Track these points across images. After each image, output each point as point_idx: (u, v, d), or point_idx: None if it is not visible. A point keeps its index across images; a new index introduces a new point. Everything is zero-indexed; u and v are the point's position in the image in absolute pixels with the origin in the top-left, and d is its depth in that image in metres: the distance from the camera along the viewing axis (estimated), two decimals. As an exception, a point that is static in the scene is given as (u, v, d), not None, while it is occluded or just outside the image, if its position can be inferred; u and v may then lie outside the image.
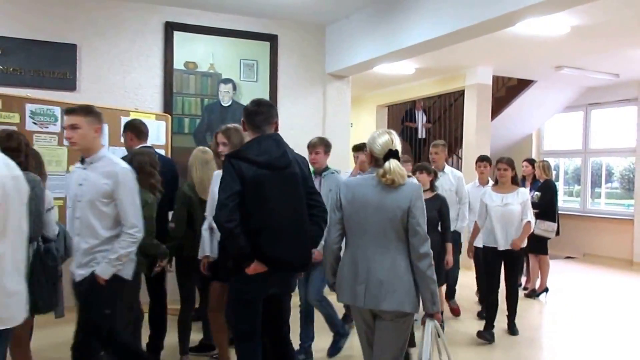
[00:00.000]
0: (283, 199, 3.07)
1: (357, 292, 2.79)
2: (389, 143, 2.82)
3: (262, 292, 3.14)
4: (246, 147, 3.12)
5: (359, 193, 2.84)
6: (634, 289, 8.04)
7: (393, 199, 2.77)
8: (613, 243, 10.19)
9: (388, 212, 2.76)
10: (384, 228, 2.78)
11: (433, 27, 5.45)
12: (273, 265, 3.04)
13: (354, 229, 2.86)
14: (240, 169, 2.97)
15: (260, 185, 3.00)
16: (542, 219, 6.96)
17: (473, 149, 9.04)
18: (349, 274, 2.84)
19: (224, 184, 2.98)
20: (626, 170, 11.10)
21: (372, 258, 2.79)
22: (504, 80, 10.65)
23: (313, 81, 7.05)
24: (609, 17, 6.21)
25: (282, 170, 3.09)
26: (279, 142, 3.15)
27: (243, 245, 2.95)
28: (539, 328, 6.14)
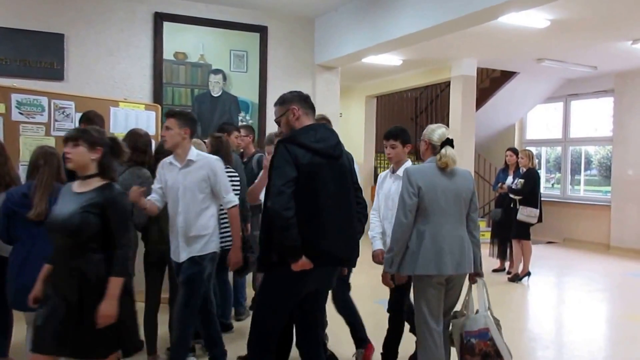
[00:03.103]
0: (335, 190, 2.83)
1: (445, 262, 3.13)
2: (445, 133, 3.27)
3: (302, 291, 2.86)
4: (301, 133, 2.82)
5: (433, 180, 3.19)
6: (611, 271, 8.03)
7: (462, 182, 3.25)
8: (591, 228, 10.20)
9: (462, 194, 3.24)
10: (460, 207, 3.24)
11: (419, 19, 5.36)
12: (322, 260, 2.77)
13: (435, 210, 3.17)
14: (295, 155, 2.72)
15: (314, 173, 2.75)
16: (525, 206, 6.92)
17: (459, 138, 8.95)
18: (432, 248, 3.14)
19: (279, 170, 2.70)
20: (604, 158, 11.11)
21: (452, 233, 3.19)
22: (488, 72, 10.59)
23: (302, 72, 6.93)
24: (587, 12, 6.16)
25: (336, 160, 2.87)
26: (332, 132, 2.95)
27: (296, 237, 2.66)
28: (521, 311, 6.10)
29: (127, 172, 3.71)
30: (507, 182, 7.33)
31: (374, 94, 11.46)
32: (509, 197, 7.22)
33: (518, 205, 7.00)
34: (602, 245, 9.88)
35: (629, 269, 8.16)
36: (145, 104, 5.86)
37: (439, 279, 3.21)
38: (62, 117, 5.08)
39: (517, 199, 7.05)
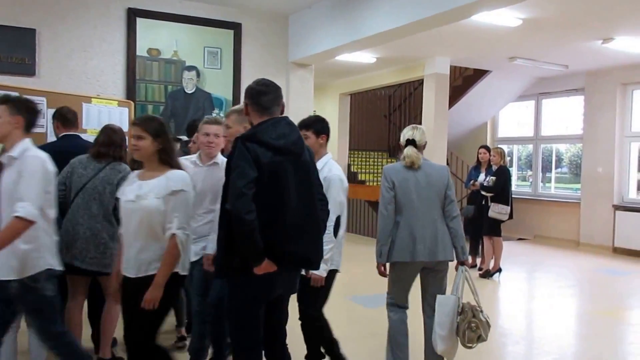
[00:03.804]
0: (298, 189, 2.66)
1: (418, 250, 3.41)
2: (409, 134, 3.59)
3: (269, 295, 2.72)
4: (260, 129, 2.64)
5: (405, 176, 3.49)
6: (580, 267, 8.23)
7: (436, 177, 3.52)
8: (561, 225, 10.42)
9: (436, 188, 3.50)
10: (434, 200, 3.50)
11: (392, 17, 5.41)
12: (285, 264, 2.64)
13: (408, 203, 3.46)
14: (255, 154, 2.55)
15: (276, 172, 2.58)
16: (496, 203, 7.05)
17: (432, 136, 9.07)
18: (406, 238, 3.42)
19: (239, 170, 2.52)
20: (574, 156, 11.34)
21: (425, 224, 3.45)
22: (461, 70, 10.72)
23: (276, 69, 6.93)
24: (558, 11, 6.28)
25: (298, 156, 2.70)
26: (293, 126, 2.75)
27: (257, 240, 2.50)
28: (492, 307, 6.22)
29: (107, 167, 3.66)
30: (479, 180, 7.45)
31: (347, 91, 11.51)
32: (480, 195, 7.33)
33: (489, 202, 7.13)
34: (572, 241, 10.10)
35: (598, 265, 8.37)
36: (119, 100, 5.80)
37: (413, 266, 3.50)
38: (33, 113, 5.00)
39: (488, 196, 7.17)
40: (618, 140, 9.52)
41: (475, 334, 3.46)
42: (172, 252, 2.71)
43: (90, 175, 3.57)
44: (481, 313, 3.52)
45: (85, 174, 3.57)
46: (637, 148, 9.64)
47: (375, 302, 5.81)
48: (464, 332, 3.46)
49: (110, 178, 3.58)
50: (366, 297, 5.95)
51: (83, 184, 3.54)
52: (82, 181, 3.55)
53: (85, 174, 3.57)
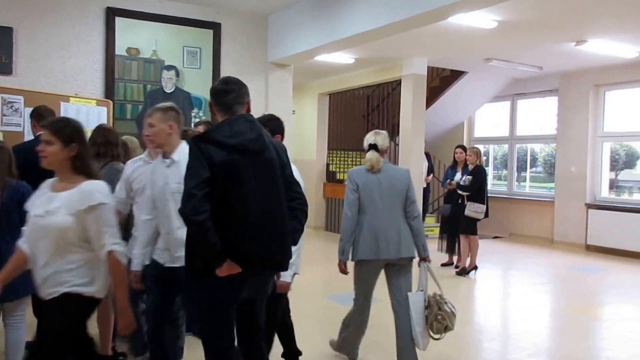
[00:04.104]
0: (258, 188, 2.58)
1: (380, 248, 3.63)
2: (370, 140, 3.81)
3: (236, 296, 2.64)
4: (215, 129, 2.60)
5: (369, 178, 3.72)
6: (554, 265, 8.39)
7: (398, 180, 3.75)
8: (536, 223, 10.60)
9: (398, 189, 3.72)
10: (395, 201, 3.72)
11: (370, 19, 5.45)
12: (248, 265, 2.55)
13: (371, 204, 3.68)
14: (208, 153, 2.48)
15: (232, 171, 2.52)
16: (472, 202, 7.15)
17: (409, 136, 9.18)
18: (369, 237, 3.64)
19: (190, 170, 2.48)
20: (549, 155, 11.54)
21: (388, 223, 3.66)
22: (438, 71, 10.83)
23: (256, 69, 6.94)
24: (532, 14, 6.39)
25: (257, 155, 2.60)
26: (253, 123, 2.65)
27: (214, 242, 2.44)
28: (468, 304, 6.32)
29: (106, 167, 3.68)
30: (455, 179, 7.55)
31: (326, 91, 11.56)
32: (457, 194, 7.43)
33: (466, 201, 7.23)
34: (546, 239, 10.29)
35: (571, 262, 8.54)
36: (97, 99, 5.76)
37: (377, 264, 3.73)
38: (11, 112, 4.95)
39: (465, 195, 7.28)
40: (591, 140, 9.72)
41: (442, 324, 3.67)
42: (117, 270, 2.55)
43: None
44: (446, 304, 3.71)
45: None
46: (609, 148, 9.86)
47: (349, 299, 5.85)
48: (432, 324, 3.68)
49: (112, 177, 3.59)
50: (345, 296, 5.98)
51: None
52: None
53: None
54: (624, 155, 10.81)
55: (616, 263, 8.42)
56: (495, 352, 4.65)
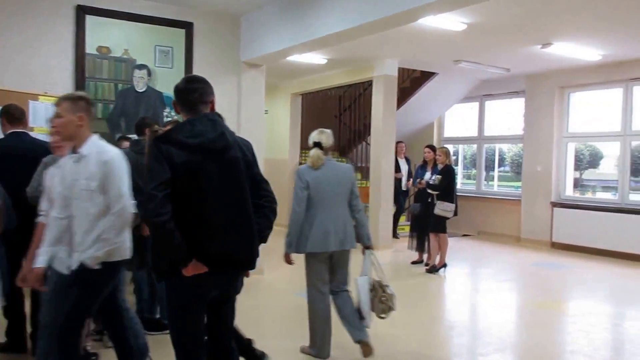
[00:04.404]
0: (222, 187, 2.55)
1: (329, 241, 3.90)
2: (315, 137, 4.08)
3: (203, 296, 2.62)
4: (176, 129, 2.57)
5: (317, 175, 3.96)
6: (521, 262, 8.57)
7: (343, 176, 4.04)
8: (504, 221, 10.80)
9: (343, 185, 4.02)
10: (342, 196, 4.01)
11: (342, 20, 5.49)
12: (214, 264, 2.54)
13: (321, 199, 3.94)
14: (169, 154, 2.46)
15: (193, 172, 2.49)
16: (442, 201, 7.26)
17: (380, 135, 9.26)
18: (319, 231, 3.89)
19: (151, 171, 2.47)
20: (516, 155, 11.77)
21: (336, 217, 3.95)
22: (409, 72, 10.93)
23: (228, 69, 6.91)
24: (500, 17, 6.51)
25: (220, 154, 2.58)
26: (215, 123, 2.62)
27: (178, 242, 2.43)
28: (438, 301, 6.42)
29: None
30: (425, 178, 7.66)
31: (299, 91, 11.57)
32: (427, 193, 7.54)
33: (435, 200, 7.34)
34: (513, 237, 10.49)
35: (537, 259, 8.73)
36: (66, 98, 5.67)
37: (324, 255, 3.99)
38: (-22, 111, 4.83)
39: (434, 194, 7.38)
40: (556, 140, 9.94)
41: (386, 305, 4.06)
42: None
43: None
44: (387, 287, 4.07)
45: None
46: (573, 148, 10.11)
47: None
48: (377, 305, 4.04)
49: None
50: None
51: None
52: None
53: None
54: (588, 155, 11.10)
55: (580, 260, 8.64)
56: (464, 347, 4.74)
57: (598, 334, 5.01)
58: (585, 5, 6.04)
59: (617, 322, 5.62)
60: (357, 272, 4.17)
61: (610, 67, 8.87)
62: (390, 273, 7.83)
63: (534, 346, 4.73)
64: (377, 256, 4.19)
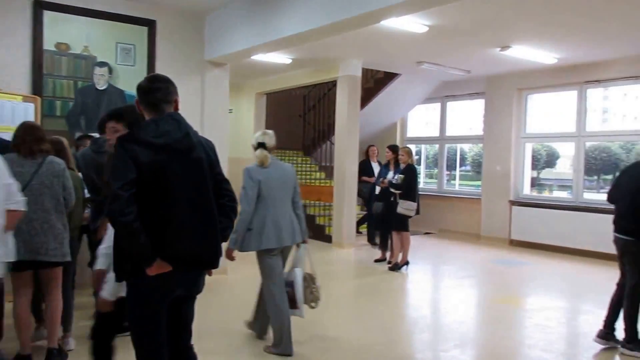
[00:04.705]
0: (187, 187, 2.55)
1: (283, 237, 4.10)
2: (259, 138, 4.21)
3: (166, 296, 2.61)
4: (141, 128, 2.56)
5: (267, 174, 4.10)
6: (481, 259, 8.74)
7: (287, 174, 4.23)
8: (464, 219, 10.99)
9: (289, 183, 4.21)
10: (288, 194, 4.20)
11: (306, 20, 5.48)
12: (179, 263, 2.54)
13: (271, 197, 4.09)
14: (134, 154, 2.44)
15: (159, 171, 2.49)
16: (404, 199, 7.33)
17: (344, 135, 9.30)
18: (273, 227, 4.05)
19: (116, 171, 2.45)
20: (477, 155, 11.99)
21: (285, 214, 4.14)
22: (373, 73, 11.02)
23: (192, 67, 6.82)
24: (460, 20, 6.62)
25: (185, 154, 2.58)
26: (180, 122, 2.62)
27: (143, 242, 2.42)
28: (401, 298, 6.48)
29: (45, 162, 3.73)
30: (388, 177, 7.73)
31: (264, 91, 11.53)
32: (389, 192, 7.61)
33: (398, 199, 7.41)
34: (473, 235, 10.68)
35: (496, 256, 8.92)
36: (23, 95, 5.50)
37: (278, 250, 4.16)
38: None
39: (397, 193, 7.46)
40: (514, 140, 10.17)
41: (316, 296, 4.33)
42: None
43: (32, 172, 3.64)
44: (316, 279, 4.35)
45: (25, 171, 3.62)
46: (530, 148, 10.36)
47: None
48: (308, 296, 4.29)
49: (54, 170, 3.73)
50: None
51: (27, 181, 3.59)
52: (24, 179, 3.58)
53: (25, 171, 3.62)
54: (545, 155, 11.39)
55: (537, 257, 8.86)
56: (425, 344, 4.80)
57: (554, 328, 5.14)
58: (540, 11, 6.20)
59: (571, 316, 5.79)
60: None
61: (565, 70, 9.12)
62: (354, 271, 7.89)
63: (492, 341, 4.84)
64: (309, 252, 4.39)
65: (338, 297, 6.25)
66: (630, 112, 9.73)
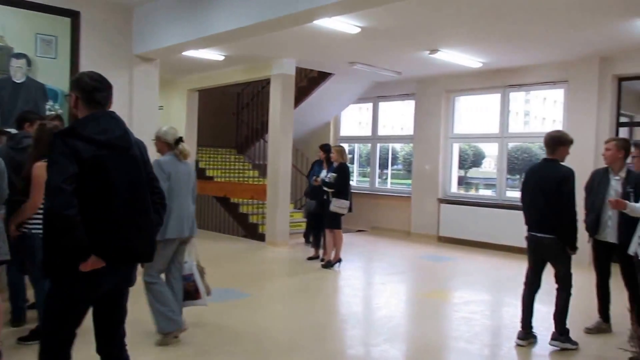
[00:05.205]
0: (126, 183, 2.59)
1: (184, 228, 4.29)
2: (176, 134, 4.36)
3: (97, 291, 2.61)
4: (81, 124, 2.55)
5: (176, 168, 4.27)
6: (410, 255, 8.93)
7: (191, 169, 4.44)
8: (396, 217, 11.21)
9: (192, 178, 4.44)
10: (190, 187, 4.41)
11: (238, 17, 5.41)
12: (115, 259, 2.57)
13: (179, 190, 4.25)
14: (76, 149, 2.44)
15: (100, 167, 2.50)
16: (337, 198, 7.37)
17: (278, 133, 9.25)
18: (177, 218, 4.23)
19: (57, 165, 2.42)
20: (408, 154, 12.26)
21: (188, 207, 4.36)
22: (306, 72, 11.02)
23: (119, 62, 6.57)
24: (391, 23, 6.72)
25: (124, 151, 2.62)
26: (118, 121, 2.67)
27: (81, 236, 2.41)
28: (333, 295, 6.51)
29: None
30: (320, 176, 7.76)
31: (196, 87, 11.29)
32: (322, 190, 7.64)
33: (330, 197, 7.45)
34: (404, 232, 10.91)
35: (425, 252, 9.14)
36: None
37: (175, 243, 4.31)
38: None
39: (329, 192, 7.49)
40: (442, 141, 10.46)
41: (206, 285, 4.55)
42: None
43: None
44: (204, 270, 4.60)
45: None
46: (458, 148, 10.68)
47: (219, 296, 5.79)
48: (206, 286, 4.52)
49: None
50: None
51: None
52: None
53: None
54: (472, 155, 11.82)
55: (463, 252, 9.15)
56: (356, 339, 4.84)
57: (478, 321, 5.31)
58: (465, 18, 6.41)
59: (495, 308, 6.00)
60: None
61: (489, 74, 9.47)
62: (287, 269, 7.87)
63: (420, 334, 4.94)
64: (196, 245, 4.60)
65: (271, 295, 6.21)
66: (549, 115, 10.24)
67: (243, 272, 7.28)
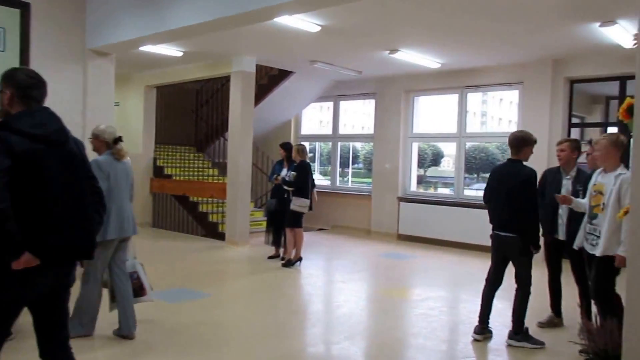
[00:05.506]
0: (62, 179, 2.54)
1: (124, 228, 4.30)
2: (115, 132, 4.36)
3: (33, 291, 2.51)
4: (16, 118, 2.50)
5: (115, 167, 4.28)
6: (371, 253, 8.99)
7: (129, 169, 4.45)
8: (356, 215, 11.27)
9: (130, 177, 4.45)
10: (128, 186, 4.42)
11: (196, 13, 5.32)
12: (51, 257, 2.48)
13: (118, 190, 4.27)
14: (9, 143, 2.38)
15: (35, 161, 2.44)
16: (297, 196, 7.36)
17: (238, 131, 9.17)
18: (117, 219, 4.24)
19: None
20: (368, 153, 12.34)
21: (127, 206, 4.37)
22: (267, 70, 10.96)
23: (72, 56, 6.37)
24: (351, 21, 6.75)
25: (61, 146, 2.57)
26: (54, 115, 2.62)
27: (14, 232, 2.33)
28: (294, 294, 6.49)
29: None
30: (281, 174, 7.73)
31: (154, 84, 11.08)
32: (283, 189, 7.61)
33: (291, 196, 7.43)
34: (364, 230, 10.98)
35: (384, 250, 9.22)
36: None
37: (117, 241, 4.32)
38: None
39: (290, 190, 7.47)
40: (402, 140, 10.57)
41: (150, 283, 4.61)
42: None
43: None
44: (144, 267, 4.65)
45: None
46: (417, 147, 10.82)
47: (178, 296, 5.70)
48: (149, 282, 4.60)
49: None
50: (169, 292, 5.81)
51: None
52: None
53: None
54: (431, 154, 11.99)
55: (422, 250, 9.27)
56: (316, 337, 4.84)
57: (436, 317, 5.39)
58: (421, 19, 6.51)
59: (452, 305, 6.10)
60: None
61: (447, 75, 9.62)
62: (248, 268, 7.81)
63: (380, 331, 4.97)
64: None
65: (231, 295, 6.15)
66: (505, 115, 10.48)
67: (203, 271, 7.19)
